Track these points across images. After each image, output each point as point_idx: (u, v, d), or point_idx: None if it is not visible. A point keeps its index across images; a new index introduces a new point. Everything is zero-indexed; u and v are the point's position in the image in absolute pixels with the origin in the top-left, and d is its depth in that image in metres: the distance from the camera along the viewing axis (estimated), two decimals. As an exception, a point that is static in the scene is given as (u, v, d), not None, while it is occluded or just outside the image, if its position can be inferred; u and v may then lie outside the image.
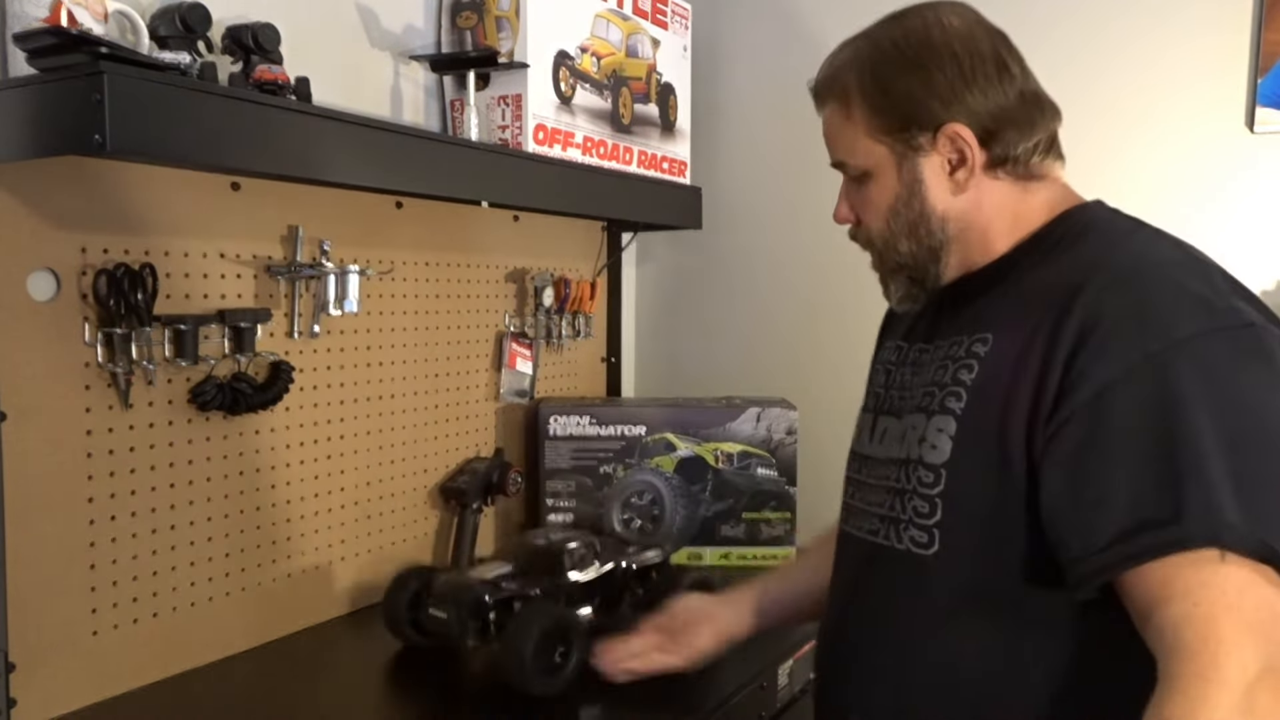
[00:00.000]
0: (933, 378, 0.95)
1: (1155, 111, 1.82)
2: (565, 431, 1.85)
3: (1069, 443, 0.80)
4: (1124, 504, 0.76)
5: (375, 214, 1.58)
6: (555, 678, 1.24)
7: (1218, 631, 0.70)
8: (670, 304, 2.35)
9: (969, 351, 0.92)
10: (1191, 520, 0.73)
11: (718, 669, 1.34)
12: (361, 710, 1.24)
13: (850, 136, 0.98)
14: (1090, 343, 0.80)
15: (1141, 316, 0.80)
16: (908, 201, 0.96)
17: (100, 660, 1.23)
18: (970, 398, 0.89)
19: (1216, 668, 0.69)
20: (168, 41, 1.16)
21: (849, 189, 1.02)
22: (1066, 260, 0.90)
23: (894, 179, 0.96)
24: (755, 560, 1.85)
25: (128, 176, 1.24)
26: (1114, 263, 0.86)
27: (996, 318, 0.92)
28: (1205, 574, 0.72)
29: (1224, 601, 0.71)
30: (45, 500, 1.17)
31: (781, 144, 2.16)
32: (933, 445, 0.90)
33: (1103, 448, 0.78)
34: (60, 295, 1.18)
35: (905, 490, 0.93)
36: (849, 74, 0.97)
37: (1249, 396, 0.77)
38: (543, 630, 1.21)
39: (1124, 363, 0.78)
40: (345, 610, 1.57)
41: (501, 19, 1.62)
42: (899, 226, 0.98)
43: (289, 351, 1.45)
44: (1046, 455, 0.82)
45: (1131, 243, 0.91)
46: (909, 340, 1.05)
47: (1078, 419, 0.79)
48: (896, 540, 0.94)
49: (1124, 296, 0.82)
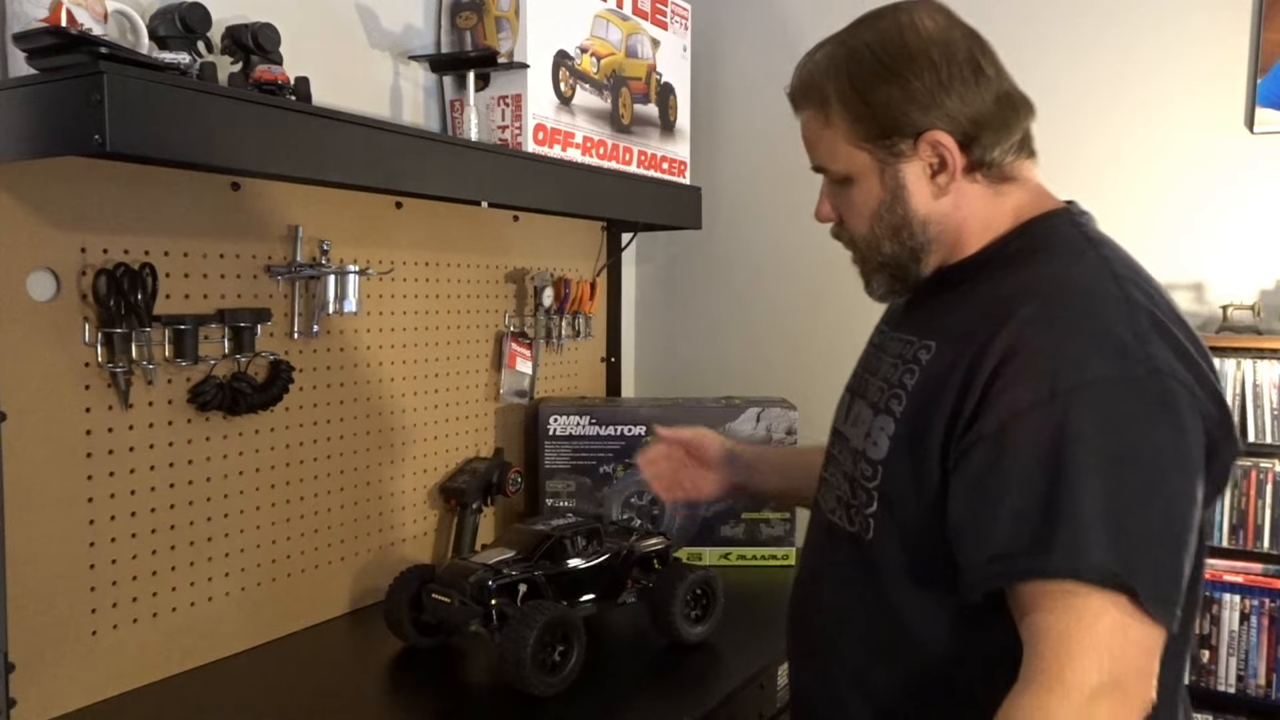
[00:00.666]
0: (885, 374, 1.00)
1: (1155, 112, 1.82)
2: (565, 431, 1.85)
3: (974, 464, 0.85)
4: (1007, 529, 0.82)
5: (375, 214, 1.58)
6: (555, 677, 1.24)
7: (1067, 647, 0.78)
8: (670, 304, 2.35)
9: (914, 356, 0.96)
10: (1057, 554, 0.79)
11: (718, 669, 1.35)
12: (361, 710, 1.24)
13: (830, 143, 0.99)
14: (1007, 371, 0.84)
15: (1056, 354, 0.83)
16: (890, 206, 0.98)
17: (100, 660, 1.23)
18: (908, 402, 0.94)
19: (1060, 679, 0.77)
20: (167, 41, 1.17)
21: (831, 189, 1.03)
22: (1013, 280, 0.93)
23: (877, 184, 0.98)
24: (755, 560, 1.85)
25: (128, 176, 1.24)
26: (1046, 292, 0.89)
27: (941, 327, 0.96)
28: (1066, 598, 0.79)
29: (1078, 622, 0.78)
30: (45, 500, 1.17)
31: (781, 144, 2.16)
32: (874, 441, 0.96)
33: (1000, 474, 0.83)
34: (60, 295, 1.18)
35: (855, 478, 0.99)
36: (827, 82, 0.98)
37: (1138, 444, 0.81)
38: (541, 630, 1.21)
39: (1032, 397, 0.82)
40: (345, 610, 1.57)
41: (501, 19, 1.62)
42: (882, 230, 0.99)
43: (289, 351, 1.45)
44: (955, 471, 0.87)
45: (1072, 269, 0.91)
46: (889, 326, 1.09)
47: (985, 443, 0.84)
48: (849, 523, 1.00)
49: (1047, 330, 0.85)
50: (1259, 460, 1.64)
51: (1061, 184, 1.01)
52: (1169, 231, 1.83)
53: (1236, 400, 1.65)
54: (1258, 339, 1.67)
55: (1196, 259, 1.81)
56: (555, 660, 1.25)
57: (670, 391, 2.32)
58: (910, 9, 0.97)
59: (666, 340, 2.36)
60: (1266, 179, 1.74)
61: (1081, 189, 1.06)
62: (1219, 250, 1.79)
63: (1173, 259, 1.82)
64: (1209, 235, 1.80)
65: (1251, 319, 1.72)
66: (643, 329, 2.38)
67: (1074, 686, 0.77)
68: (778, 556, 1.85)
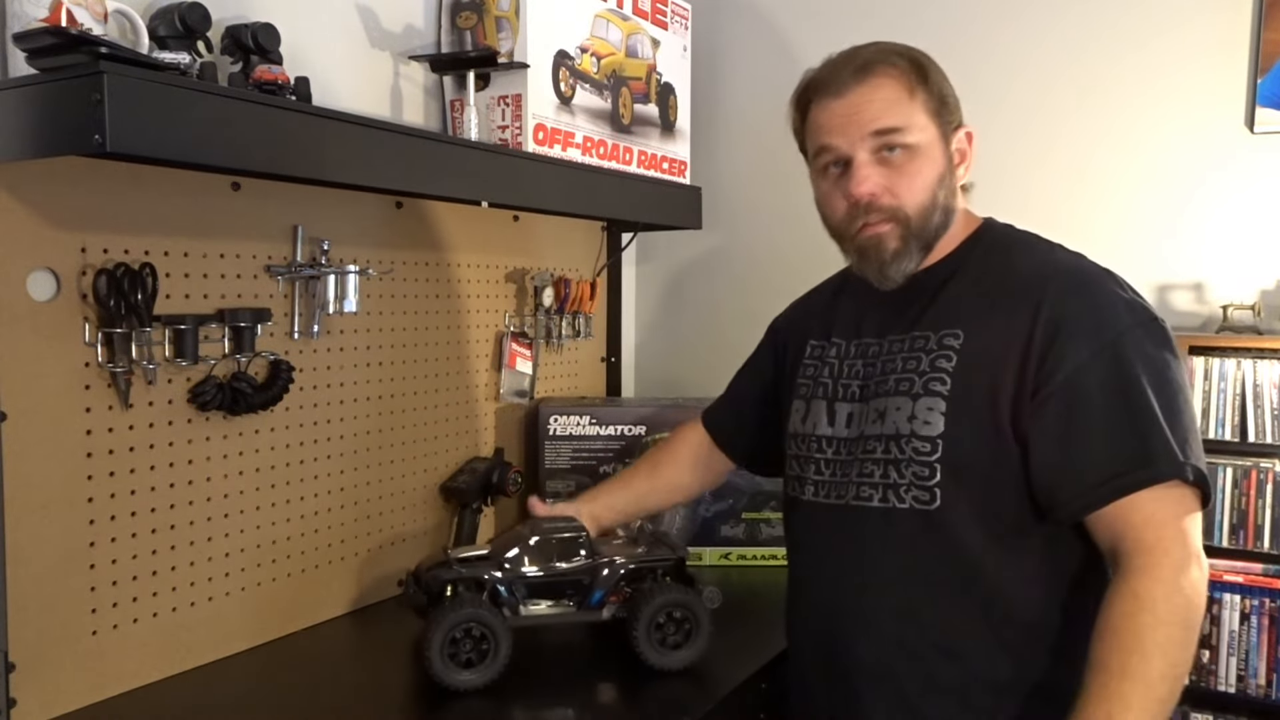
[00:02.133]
0: (905, 367, 1.12)
1: (1155, 112, 1.82)
2: (565, 431, 1.85)
3: (1052, 414, 1.03)
4: (1105, 454, 1.01)
5: (375, 214, 1.58)
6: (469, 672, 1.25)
7: (1168, 532, 0.98)
8: (670, 304, 2.35)
9: (942, 345, 1.10)
10: (1161, 462, 0.99)
11: (718, 669, 1.34)
12: (361, 710, 1.24)
13: (909, 110, 1.10)
14: (1060, 336, 1.03)
15: (1095, 315, 1.05)
16: (947, 180, 1.13)
17: (100, 660, 1.23)
18: (954, 381, 1.08)
19: (1167, 553, 0.97)
20: (167, 41, 1.17)
21: (874, 165, 1.10)
22: (1014, 269, 1.12)
23: (941, 157, 1.12)
24: (755, 560, 1.85)
25: (128, 176, 1.24)
26: (1061, 273, 1.09)
27: (959, 316, 1.11)
28: (1162, 494, 0.99)
29: (1172, 512, 0.99)
30: (45, 500, 1.17)
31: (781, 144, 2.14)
32: (925, 421, 1.08)
33: (1082, 414, 1.02)
34: (60, 295, 1.18)
35: (900, 460, 1.09)
36: (913, 56, 1.12)
37: (1167, 370, 1.04)
38: (449, 625, 1.24)
39: (1089, 349, 1.03)
40: (345, 610, 1.57)
41: (501, 19, 1.62)
42: (939, 200, 1.12)
43: (289, 351, 1.45)
44: (1033, 426, 1.04)
45: (1058, 255, 1.13)
46: (845, 338, 1.23)
47: (1058, 395, 1.02)
48: (899, 501, 1.09)
49: (1080, 301, 1.06)
50: (1259, 460, 1.63)
51: (1061, 183, 1.04)
52: (1169, 231, 1.83)
53: (1236, 400, 1.65)
54: (1258, 339, 1.67)
55: (1196, 259, 1.81)
56: (470, 657, 1.25)
57: (670, 391, 2.31)
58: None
59: (666, 340, 2.36)
60: (1266, 179, 1.74)
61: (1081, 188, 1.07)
62: (1219, 250, 1.79)
63: (1172, 259, 1.82)
64: (1209, 235, 1.80)
65: (1251, 319, 1.72)
66: (643, 329, 2.38)
67: (1173, 559, 0.97)
68: (778, 556, 1.85)
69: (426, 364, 1.71)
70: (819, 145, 1.14)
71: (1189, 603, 0.96)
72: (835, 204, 1.15)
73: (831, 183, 1.15)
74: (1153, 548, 0.97)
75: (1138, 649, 0.94)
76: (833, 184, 1.15)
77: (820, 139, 1.14)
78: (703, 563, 1.84)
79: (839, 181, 1.14)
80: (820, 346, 1.27)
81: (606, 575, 1.35)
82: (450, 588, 1.30)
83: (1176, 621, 0.95)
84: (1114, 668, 0.94)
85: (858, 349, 1.20)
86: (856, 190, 1.10)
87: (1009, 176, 1.86)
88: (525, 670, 1.31)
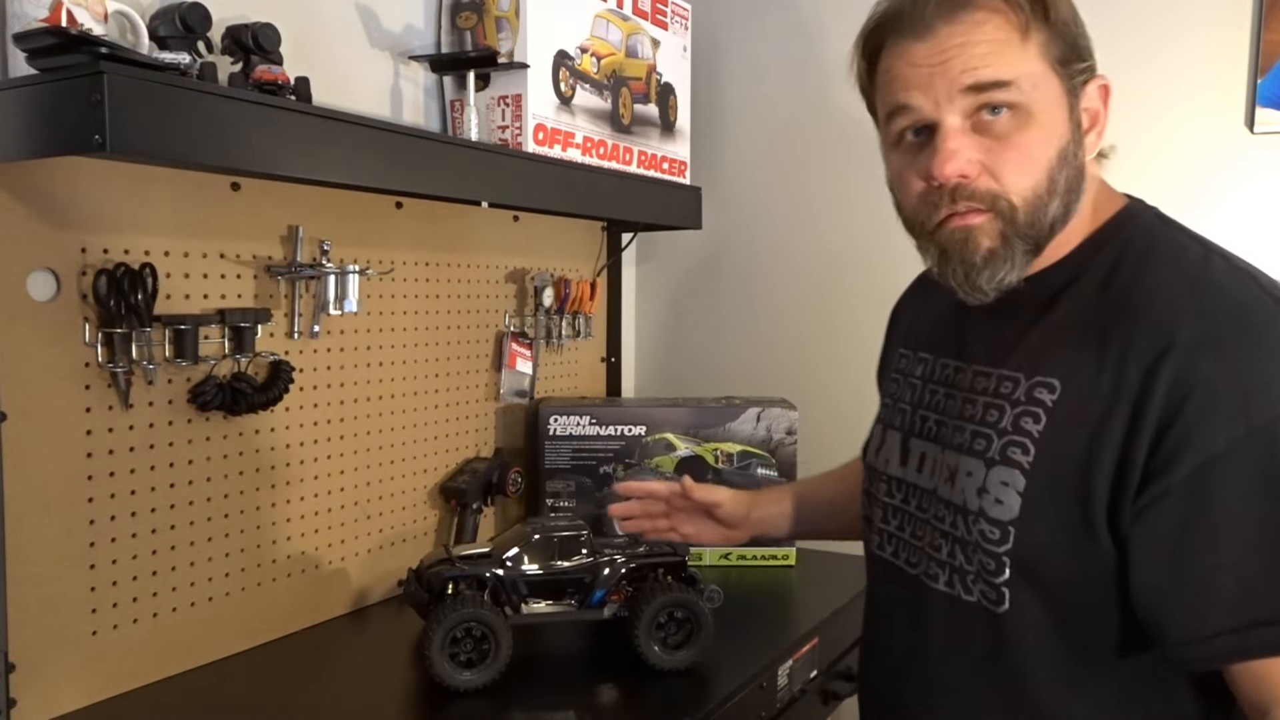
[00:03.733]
0: (982, 416, 0.86)
1: (1155, 112, 1.82)
2: (565, 431, 1.85)
3: (1166, 521, 0.74)
4: (1231, 595, 0.72)
5: (375, 214, 1.58)
6: (469, 671, 1.25)
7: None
8: (670, 304, 2.35)
9: (1031, 398, 0.83)
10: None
11: (718, 669, 1.34)
12: (361, 710, 1.24)
13: (1020, 55, 0.79)
14: (1187, 411, 0.73)
15: (1245, 384, 0.72)
16: (1072, 155, 0.82)
17: (100, 660, 1.23)
18: (1039, 451, 0.80)
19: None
20: (167, 41, 1.16)
21: (962, 137, 0.80)
22: (1141, 295, 0.80)
23: (1064, 122, 0.81)
24: (756, 560, 1.85)
25: (128, 176, 1.24)
26: (1204, 306, 0.77)
27: (1060, 360, 0.82)
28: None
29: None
30: (45, 500, 1.17)
31: (781, 144, 2.16)
32: (997, 499, 0.82)
33: (1205, 530, 0.73)
34: (60, 295, 1.18)
35: (967, 542, 0.85)
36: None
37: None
38: (450, 626, 1.24)
39: (1227, 436, 0.72)
40: (345, 610, 1.57)
41: (501, 19, 1.62)
42: (1060, 184, 0.81)
43: (289, 351, 1.45)
44: (1137, 529, 0.76)
45: (1213, 279, 0.80)
46: (933, 353, 0.96)
47: (1176, 495, 0.74)
48: (965, 592, 0.86)
49: (1222, 358, 0.73)
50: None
51: None
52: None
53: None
54: (1258, 339, 1.66)
55: (1196, 259, 1.81)
56: (470, 656, 1.26)
57: (670, 391, 2.32)
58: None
59: (666, 340, 2.36)
60: (1266, 179, 1.74)
61: (1081, 189, 1.05)
62: (1219, 250, 1.79)
63: (1173, 259, 1.82)
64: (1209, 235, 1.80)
65: (1251, 319, 1.72)
66: (643, 329, 2.38)
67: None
68: (778, 556, 1.85)
69: (426, 364, 1.71)
70: (893, 104, 0.84)
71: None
72: (911, 185, 0.85)
73: (910, 155, 0.84)
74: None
75: None
76: (910, 158, 0.84)
77: (895, 96, 0.83)
78: (703, 562, 1.84)
79: (919, 155, 0.83)
80: (907, 358, 1.01)
81: (608, 574, 1.35)
82: (451, 585, 1.30)
83: None
84: None
85: (941, 371, 0.94)
86: (941, 169, 0.80)
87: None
88: (526, 670, 1.31)
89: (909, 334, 1.03)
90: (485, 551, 1.35)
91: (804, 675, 1.47)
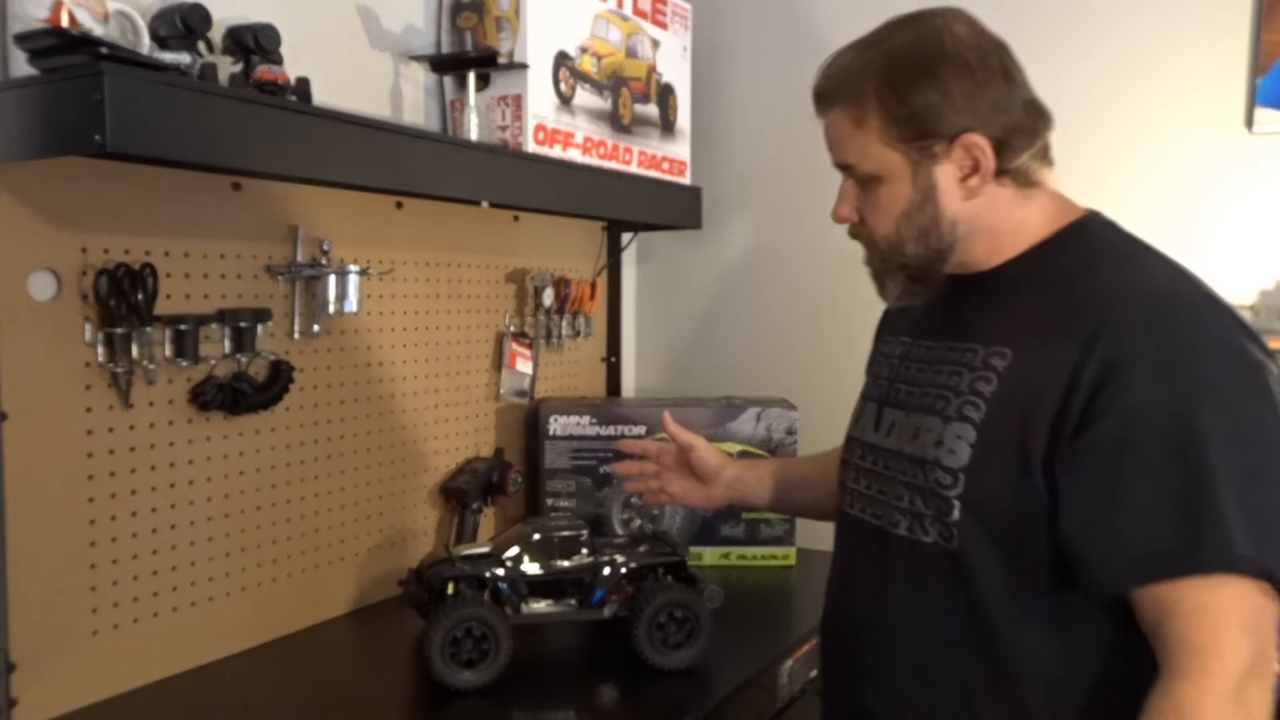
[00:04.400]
0: (945, 382, 1.00)
1: (1154, 112, 1.82)
2: (565, 431, 1.86)
3: (1092, 468, 0.87)
4: (1145, 529, 0.84)
5: (375, 214, 1.59)
6: (470, 671, 1.26)
7: (1222, 632, 0.81)
8: (670, 304, 2.35)
9: (985, 364, 0.97)
10: (1208, 549, 0.82)
11: (718, 669, 1.34)
12: (361, 710, 1.24)
13: (861, 142, 0.99)
14: (1118, 376, 0.86)
15: (1169, 354, 0.86)
16: (920, 207, 0.99)
17: (100, 660, 1.23)
18: (989, 409, 0.94)
19: (1220, 660, 0.80)
20: (168, 42, 1.17)
21: (852, 189, 1.03)
22: (1089, 285, 0.94)
23: (908, 186, 0.99)
24: (755, 560, 1.85)
25: (128, 176, 1.24)
26: (1137, 296, 0.91)
27: (1014, 334, 0.96)
28: (1213, 589, 0.82)
29: (1228, 609, 0.82)
30: (45, 500, 1.17)
31: (781, 144, 2.16)
32: (950, 450, 0.96)
33: (1126, 476, 0.85)
34: (61, 295, 1.18)
35: (925, 488, 0.98)
36: (864, 82, 0.98)
37: (1255, 436, 0.85)
38: (451, 626, 1.24)
39: (1151, 399, 0.85)
40: (345, 610, 1.57)
41: (501, 19, 1.62)
42: (908, 231, 1.00)
43: (289, 351, 1.45)
44: (1068, 475, 0.88)
45: (1149, 272, 0.95)
46: (913, 335, 1.10)
47: (1103, 446, 0.86)
48: (923, 534, 0.99)
49: (1153, 334, 0.87)
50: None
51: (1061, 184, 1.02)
52: (1168, 232, 1.81)
53: (1236, 400, 1.65)
54: (1257, 339, 1.66)
55: (1196, 259, 1.77)
56: (471, 656, 1.26)
57: (670, 391, 2.32)
58: (942, 15, 0.99)
59: (666, 340, 2.36)
60: (1266, 179, 1.74)
61: (1081, 190, 1.06)
62: (1219, 250, 1.79)
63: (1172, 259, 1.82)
64: (1208, 235, 1.80)
65: (1251, 319, 1.72)
66: (643, 329, 2.38)
67: (1229, 669, 0.80)
68: (778, 556, 1.85)
69: (426, 364, 1.71)
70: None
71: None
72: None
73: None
74: (1204, 650, 0.80)
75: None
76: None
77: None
78: (703, 562, 1.84)
79: None
80: (890, 342, 1.16)
81: (608, 574, 1.35)
82: (452, 585, 1.30)
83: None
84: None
85: (917, 350, 1.09)
86: (834, 213, 1.06)
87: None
88: (526, 670, 1.31)
89: (895, 325, 1.17)
90: (485, 551, 1.35)
91: (804, 675, 1.47)
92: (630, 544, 1.41)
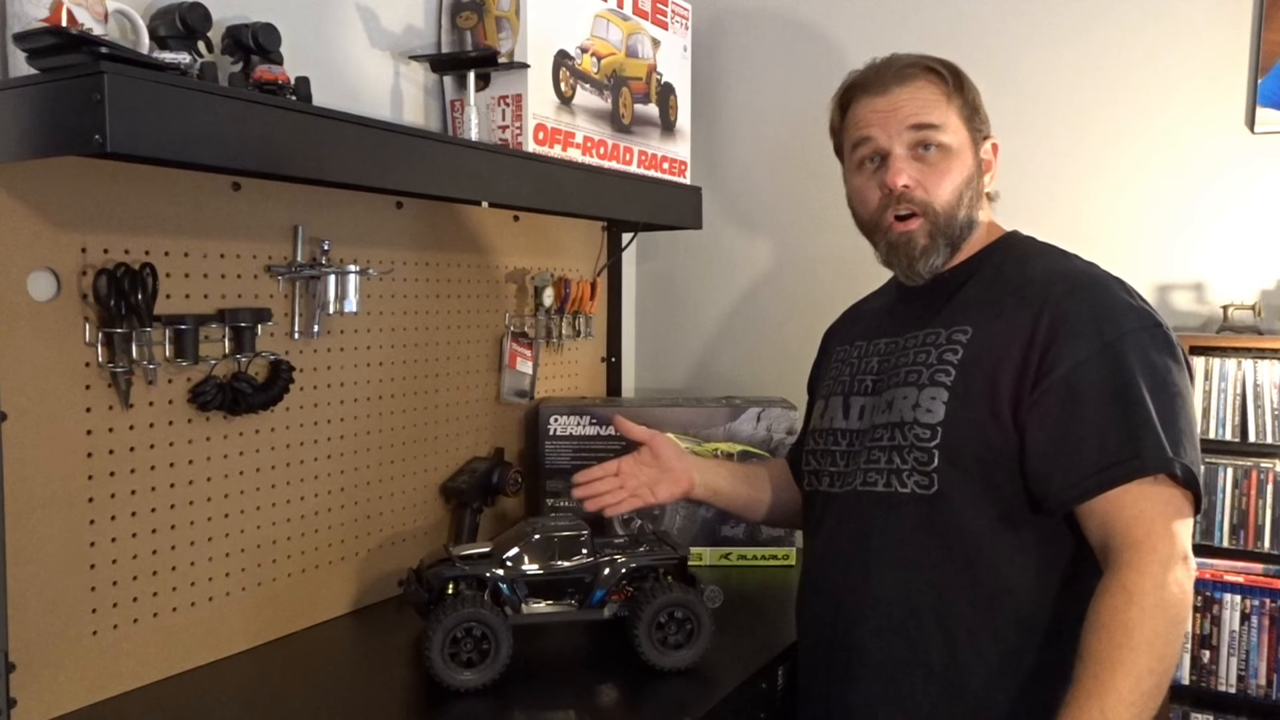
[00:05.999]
0: (913, 360, 1.18)
1: (1155, 112, 1.82)
2: (565, 431, 1.85)
3: (1050, 407, 1.07)
4: (1096, 447, 1.05)
5: (375, 214, 1.58)
6: (469, 671, 1.25)
7: (1156, 528, 1.02)
8: (670, 304, 2.35)
9: (950, 340, 1.16)
10: (1149, 456, 1.03)
11: (718, 669, 1.34)
12: (361, 710, 1.24)
13: (945, 111, 1.18)
14: (1061, 334, 1.08)
15: (1097, 316, 1.09)
16: (974, 184, 1.21)
17: (100, 660, 1.23)
18: (958, 373, 1.13)
19: (1154, 549, 1.01)
20: (168, 41, 1.17)
21: (909, 160, 1.18)
22: (1025, 273, 1.17)
23: (971, 159, 1.20)
24: (755, 560, 1.85)
25: (128, 176, 1.24)
26: (1068, 278, 1.14)
27: (971, 314, 1.17)
28: (1152, 491, 1.03)
29: (1164, 508, 1.03)
30: (45, 500, 1.17)
31: (781, 144, 2.16)
32: (928, 410, 1.13)
33: (1078, 408, 1.06)
34: (61, 295, 1.18)
35: (903, 446, 1.14)
36: (948, 68, 1.20)
37: (1167, 373, 1.08)
38: (451, 626, 1.24)
39: (1088, 348, 1.07)
40: (345, 610, 1.57)
41: (501, 19, 1.62)
42: (966, 199, 1.20)
43: (289, 351, 1.45)
44: (1030, 417, 1.08)
45: (1071, 262, 1.19)
46: (868, 338, 1.30)
47: (1055, 389, 1.07)
48: (900, 486, 1.14)
49: (1083, 302, 1.10)
50: (1259, 460, 1.63)
51: (1061, 184, 1.04)
52: (1169, 231, 1.83)
53: (1237, 400, 1.65)
54: (1258, 339, 1.66)
55: (1197, 259, 1.81)
56: (471, 656, 1.26)
57: (670, 391, 2.32)
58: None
59: (666, 340, 2.36)
60: (1266, 179, 1.74)
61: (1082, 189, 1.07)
62: (1219, 250, 1.79)
63: (1173, 259, 1.82)
64: (1209, 235, 1.80)
65: (1252, 319, 1.72)
66: (643, 329, 2.38)
67: (1161, 556, 1.00)
68: (778, 556, 1.85)
69: (426, 364, 1.71)
70: (859, 137, 1.21)
71: (1175, 599, 0.99)
72: (869, 196, 1.22)
73: (867, 176, 1.22)
74: (1140, 543, 1.01)
75: (1126, 642, 0.97)
76: (868, 177, 1.21)
77: (860, 131, 1.20)
78: (703, 563, 1.84)
79: (875, 175, 1.20)
80: (844, 349, 1.34)
81: (608, 574, 1.35)
82: (452, 585, 1.30)
83: (1163, 616, 0.98)
84: (1103, 659, 0.97)
85: (874, 347, 1.27)
86: (892, 180, 1.17)
87: (1006, 176, 1.86)
88: (526, 670, 1.31)
89: (844, 339, 1.36)
90: (485, 551, 1.35)
91: (804, 675, 1.47)
92: (630, 544, 1.41)
